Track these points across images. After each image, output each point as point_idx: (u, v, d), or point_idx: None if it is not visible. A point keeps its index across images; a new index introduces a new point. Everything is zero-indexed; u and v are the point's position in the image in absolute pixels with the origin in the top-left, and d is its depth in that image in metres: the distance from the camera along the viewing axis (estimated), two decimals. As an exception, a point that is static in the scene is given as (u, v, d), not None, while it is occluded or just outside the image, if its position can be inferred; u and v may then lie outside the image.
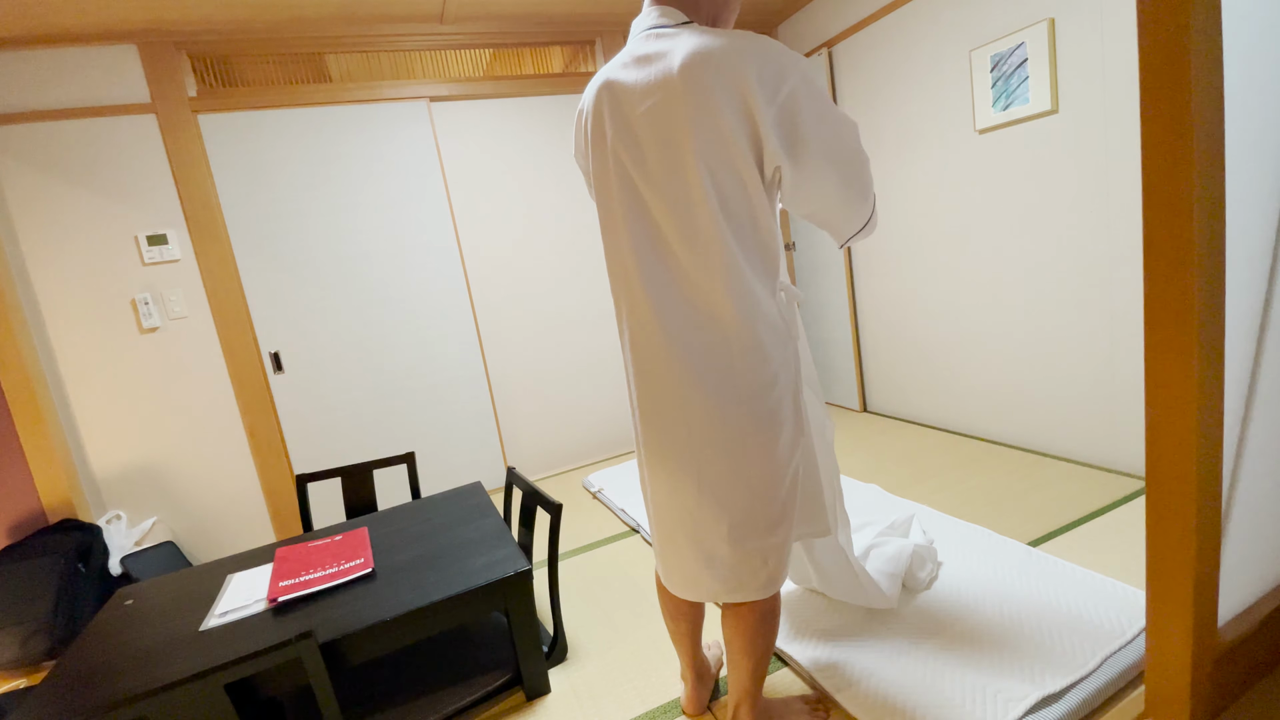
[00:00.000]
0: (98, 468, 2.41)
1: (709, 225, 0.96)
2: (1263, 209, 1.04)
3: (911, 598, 1.61)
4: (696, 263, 0.98)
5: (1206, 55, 0.89)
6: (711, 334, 0.99)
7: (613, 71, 1.01)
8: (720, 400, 1.00)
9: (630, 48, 1.01)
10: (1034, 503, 2.05)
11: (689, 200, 0.96)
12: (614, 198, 1.02)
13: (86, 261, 2.34)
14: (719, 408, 1.00)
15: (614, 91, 1.00)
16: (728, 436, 1.01)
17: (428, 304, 2.85)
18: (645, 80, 0.96)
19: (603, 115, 1.01)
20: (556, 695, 1.51)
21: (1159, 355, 0.98)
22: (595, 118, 1.03)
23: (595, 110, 1.03)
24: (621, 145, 0.99)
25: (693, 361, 1.00)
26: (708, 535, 1.06)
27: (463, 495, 1.94)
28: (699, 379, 1.00)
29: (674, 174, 0.95)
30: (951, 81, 2.46)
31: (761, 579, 1.07)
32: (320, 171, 2.63)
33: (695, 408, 1.01)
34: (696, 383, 1.00)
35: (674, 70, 0.92)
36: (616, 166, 1.01)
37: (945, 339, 2.77)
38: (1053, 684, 1.25)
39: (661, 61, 0.94)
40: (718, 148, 0.93)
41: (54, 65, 2.26)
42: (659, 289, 1.00)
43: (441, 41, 2.76)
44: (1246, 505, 1.11)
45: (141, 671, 1.21)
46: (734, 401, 1.00)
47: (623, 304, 1.07)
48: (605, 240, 1.08)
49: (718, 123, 0.91)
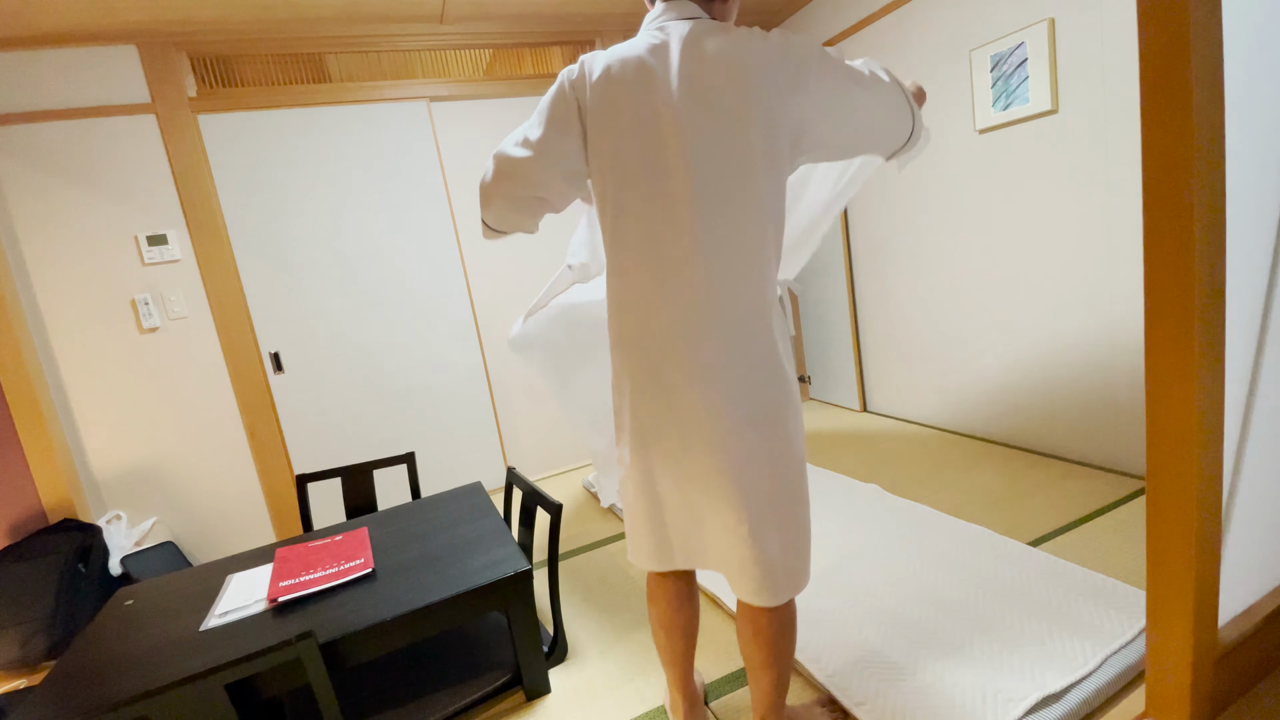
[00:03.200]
0: (98, 468, 2.41)
1: (754, 205, 0.96)
2: (1263, 209, 1.04)
3: (912, 597, 1.61)
4: (743, 241, 0.97)
5: (1206, 55, 0.89)
6: (750, 314, 0.99)
7: (641, 50, 0.98)
8: (758, 381, 1.00)
9: (653, 31, 1.00)
10: (1034, 503, 2.05)
11: (743, 176, 0.95)
12: (658, 171, 0.97)
13: (86, 261, 2.34)
14: (760, 389, 1.00)
15: (653, 67, 0.97)
16: (768, 418, 1.01)
17: (428, 304, 2.85)
18: (688, 62, 0.95)
19: (642, 89, 0.97)
20: (556, 695, 1.51)
21: (1159, 355, 0.98)
22: (631, 89, 0.97)
23: (632, 82, 0.97)
24: (672, 122, 0.95)
25: (734, 341, 0.99)
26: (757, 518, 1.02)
27: (463, 495, 1.94)
28: (740, 360, 0.99)
29: (729, 155, 0.95)
30: (951, 81, 2.46)
31: (807, 570, 1.07)
32: (320, 171, 2.63)
33: (738, 389, 0.99)
34: (738, 364, 0.99)
35: (718, 56, 0.94)
36: (664, 142, 0.96)
37: (945, 339, 2.77)
38: (1053, 684, 1.25)
39: (698, 48, 0.95)
40: (765, 133, 0.95)
41: (54, 65, 2.26)
42: (708, 269, 0.97)
43: (441, 42, 2.76)
44: (1246, 505, 1.11)
45: (141, 671, 1.21)
46: (771, 383, 1.01)
47: (652, 279, 1.00)
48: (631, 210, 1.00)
49: (767, 112, 0.95)
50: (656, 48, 0.98)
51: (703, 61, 0.95)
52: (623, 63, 0.98)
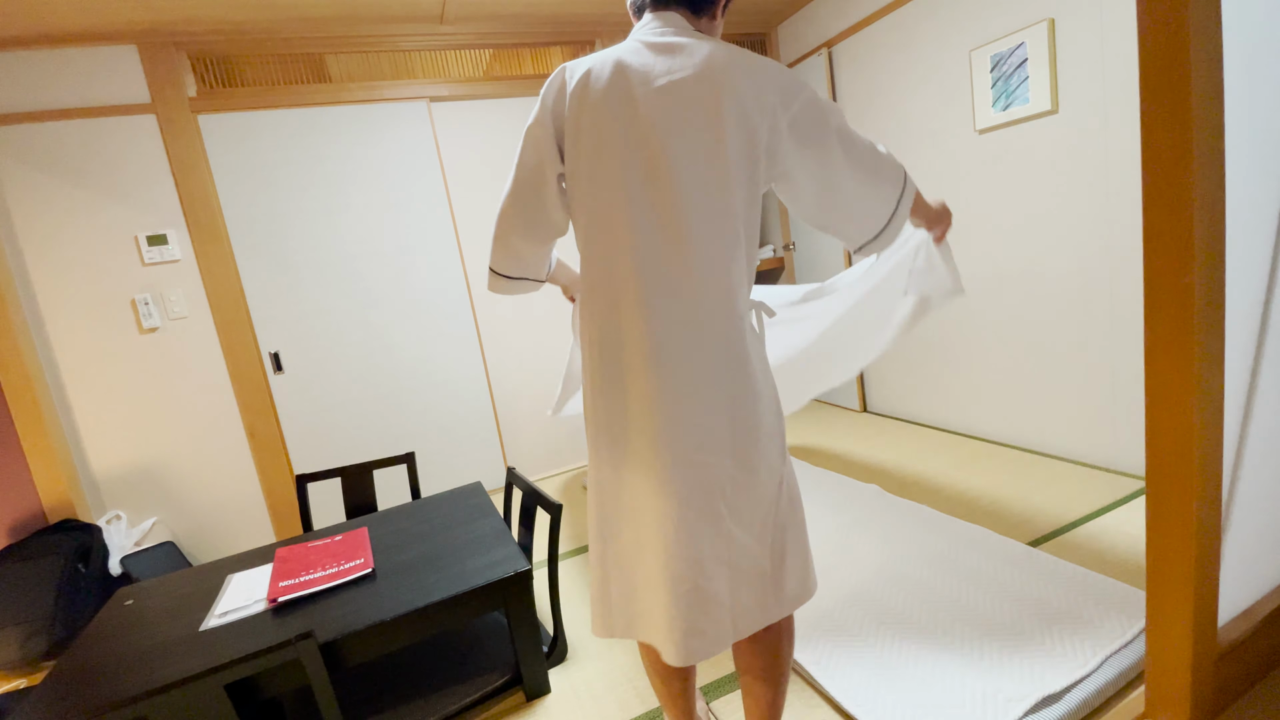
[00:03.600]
0: (98, 468, 2.41)
1: (730, 216, 0.94)
2: (1263, 209, 1.04)
3: (912, 597, 1.61)
4: (711, 255, 0.93)
5: (1206, 55, 0.89)
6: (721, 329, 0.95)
7: (624, 54, 0.96)
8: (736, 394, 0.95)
9: (640, 39, 0.98)
10: (1034, 503, 2.05)
11: (721, 185, 0.93)
12: (634, 177, 0.94)
13: (86, 261, 2.34)
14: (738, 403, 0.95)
15: (635, 71, 0.94)
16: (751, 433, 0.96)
17: (428, 304, 2.85)
18: (672, 68, 0.94)
19: (621, 91, 0.95)
20: (556, 695, 1.51)
21: (1159, 355, 0.98)
22: (610, 92, 0.95)
23: (611, 85, 0.95)
24: (650, 127, 0.93)
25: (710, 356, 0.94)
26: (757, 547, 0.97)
27: (463, 495, 1.94)
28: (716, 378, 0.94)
29: (709, 162, 0.93)
30: (951, 81, 2.46)
31: (812, 578, 1.04)
32: (320, 171, 2.63)
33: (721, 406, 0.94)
34: (714, 381, 0.94)
35: (705, 64, 0.93)
36: (644, 145, 0.94)
37: (945, 339, 2.77)
38: (1053, 684, 1.25)
39: (686, 55, 0.94)
40: (744, 145, 0.94)
41: (54, 65, 2.26)
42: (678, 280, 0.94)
43: (441, 42, 2.76)
44: (1246, 505, 1.11)
45: (141, 671, 1.21)
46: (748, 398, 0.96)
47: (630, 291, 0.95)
48: (606, 216, 0.97)
49: (747, 122, 0.94)
50: (640, 52, 0.96)
51: (684, 68, 0.94)
52: (604, 68, 0.96)
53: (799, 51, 3.21)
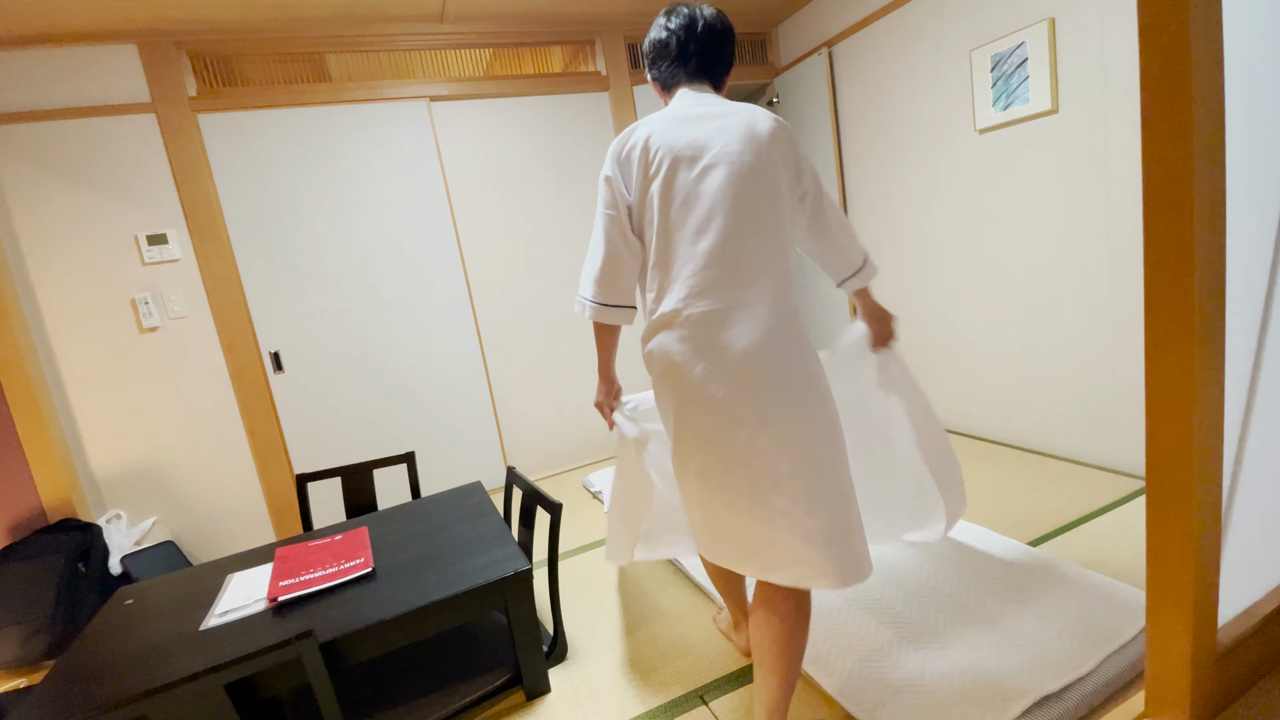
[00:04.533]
0: (98, 467, 2.41)
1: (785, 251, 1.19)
2: (1263, 209, 1.04)
3: (912, 597, 1.61)
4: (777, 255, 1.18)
5: (1206, 55, 0.88)
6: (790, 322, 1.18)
7: (673, 122, 1.18)
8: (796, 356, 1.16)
9: (684, 108, 1.21)
10: (1034, 503, 2.05)
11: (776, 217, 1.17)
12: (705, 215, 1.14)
13: (86, 261, 2.34)
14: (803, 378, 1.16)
15: (686, 133, 1.16)
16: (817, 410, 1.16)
17: (428, 303, 2.85)
18: (723, 127, 1.17)
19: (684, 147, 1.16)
20: (556, 695, 1.51)
21: (1159, 355, 0.98)
22: (669, 152, 1.16)
23: (669, 146, 1.16)
24: (720, 174, 1.14)
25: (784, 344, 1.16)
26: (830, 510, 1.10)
27: (463, 495, 1.94)
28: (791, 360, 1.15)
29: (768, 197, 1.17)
30: (951, 81, 2.46)
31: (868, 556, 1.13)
32: (320, 171, 2.63)
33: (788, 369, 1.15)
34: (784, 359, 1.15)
35: (753, 123, 1.18)
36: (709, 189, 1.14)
37: (945, 339, 2.77)
38: (1053, 684, 1.25)
39: (734, 118, 1.18)
40: (787, 183, 1.21)
41: (54, 65, 2.26)
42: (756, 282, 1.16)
43: (441, 41, 2.76)
44: (1246, 505, 1.11)
45: (141, 671, 1.21)
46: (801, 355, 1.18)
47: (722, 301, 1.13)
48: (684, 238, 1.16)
49: (789, 165, 1.22)
50: (692, 119, 1.19)
51: (734, 128, 1.18)
52: (664, 133, 1.17)
53: (799, 51, 3.21)
